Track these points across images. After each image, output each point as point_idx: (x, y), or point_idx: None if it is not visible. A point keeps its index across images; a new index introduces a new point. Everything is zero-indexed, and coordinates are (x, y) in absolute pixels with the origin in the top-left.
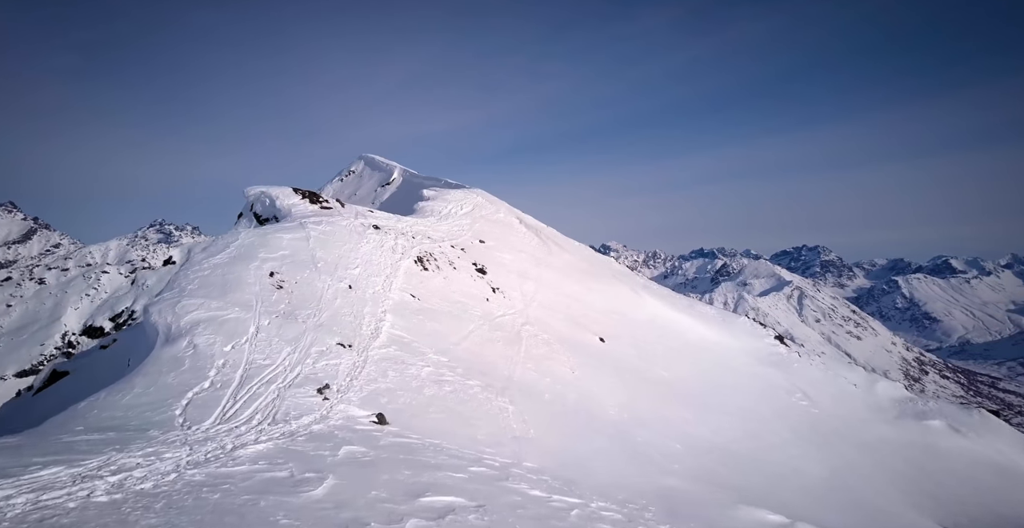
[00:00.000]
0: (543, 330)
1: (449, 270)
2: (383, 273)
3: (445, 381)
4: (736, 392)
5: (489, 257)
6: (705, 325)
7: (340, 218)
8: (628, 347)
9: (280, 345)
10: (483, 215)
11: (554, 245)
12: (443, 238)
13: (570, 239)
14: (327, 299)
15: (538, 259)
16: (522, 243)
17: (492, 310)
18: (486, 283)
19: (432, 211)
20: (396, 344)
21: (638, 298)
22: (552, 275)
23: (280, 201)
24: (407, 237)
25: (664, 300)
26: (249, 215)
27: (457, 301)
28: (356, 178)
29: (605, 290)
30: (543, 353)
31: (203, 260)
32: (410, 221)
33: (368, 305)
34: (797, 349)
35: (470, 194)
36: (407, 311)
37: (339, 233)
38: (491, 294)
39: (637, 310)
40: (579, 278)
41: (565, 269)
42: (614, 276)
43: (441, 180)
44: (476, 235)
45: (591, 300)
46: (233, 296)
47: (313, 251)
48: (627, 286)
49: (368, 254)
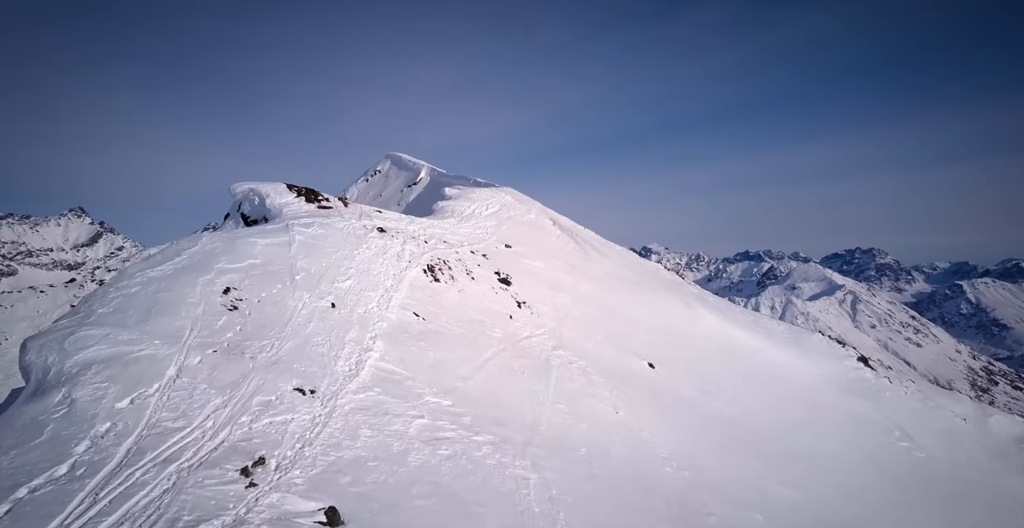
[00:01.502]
0: (579, 355)
1: (466, 281)
2: (382, 286)
3: (443, 439)
4: (819, 432)
5: (516, 265)
6: (774, 345)
7: (338, 219)
8: (683, 375)
9: (207, 395)
10: (511, 216)
11: (593, 250)
12: (462, 242)
13: (611, 243)
14: (297, 323)
15: (574, 266)
16: (555, 248)
17: (516, 330)
18: (510, 296)
19: (452, 211)
20: (382, 384)
21: (692, 312)
22: (590, 285)
23: (270, 199)
24: (418, 242)
25: (723, 315)
26: (236, 216)
27: (473, 320)
28: (382, 178)
29: (653, 303)
30: (579, 387)
31: (137, 273)
32: (424, 223)
33: (354, 329)
34: (886, 374)
35: (498, 193)
36: (406, 336)
37: (333, 237)
38: (516, 310)
39: (692, 327)
40: (622, 289)
41: (605, 278)
42: (663, 286)
43: (470, 179)
44: (502, 239)
45: (637, 315)
46: (159, 323)
47: (294, 260)
48: (679, 298)
49: (366, 262)
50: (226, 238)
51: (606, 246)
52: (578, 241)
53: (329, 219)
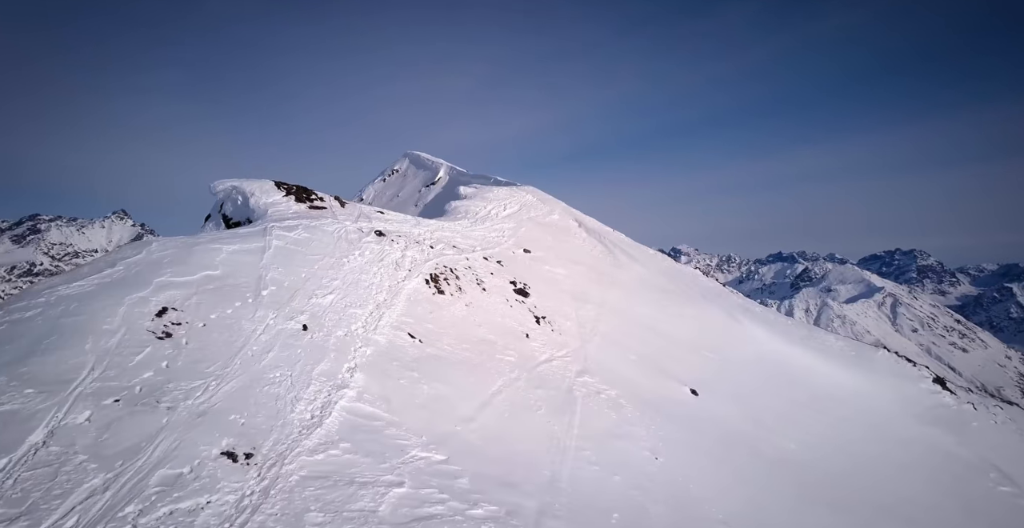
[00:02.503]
0: (608, 381)
1: (476, 292)
2: (372, 301)
3: (428, 517)
4: (903, 475)
5: (535, 272)
6: (834, 364)
7: (330, 221)
8: (732, 403)
9: (82, 473)
10: (531, 217)
11: (622, 254)
12: (474, 247)
13: (642, 246)
14: (250, 354)
15: (601, 273)
16: (581, 252)
17: (534, 352)
18: (528, 310)
19: (466, 212)
20: (355, 436)
21: (738, 326)
22: (620, 295)
23: (254, 198)
24: (422, 247)
25: (773, 328)
26: (217, 217)
27: (482, 340)
28: (399, 178)
29: (693, 315)
30: (609, 425)
31: (45, 290)
32: (432, 225)
33: (328, 358)
34: (969, 398)
35: (517, 192)
36: (395, 364)
37: (319, 242)
38: (534, 326)
39: (738, 344)
40: (656, 299)
41: (637, 287)
42: (703, 295)
43: (490, 178)
44: (520, 243)
45: (674, 330)
46: (45, 360)
47: (265, 270)
48: (722, 309)
49: (356, 272)
50: (182, 244)
51: (637, 250)
52: (606, 244)
53: (319, 221)
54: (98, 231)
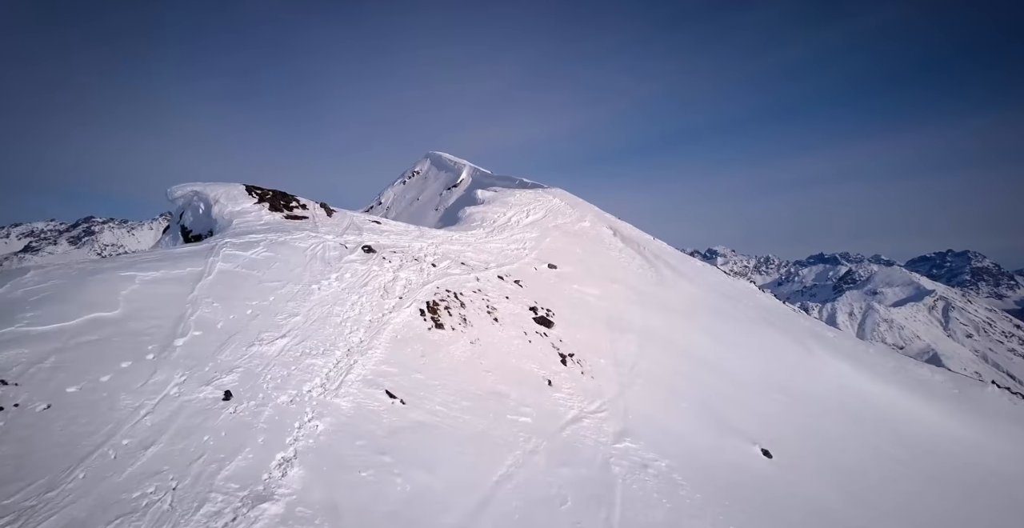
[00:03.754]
0: (656, 446)
1: (485, 324)
2: (343, 344)
3: None
4: None
5: (561, 294)
6: (934, 406)
7: (306, 235)
8: (818, 469)
9: None
10: (558, 224)
11: (667, 268)
12: (487, 264)
13: (688, 257)
14: (113, 454)
15: (642, 293)
16: (617, 267)
17: (558, 406)
18: (551, 345)
19: (482, 220)
20: None
21: (811, 358)
22: (666, 321)
23: (218, 207)
24: (422, 265)
25: (854, 359)
26: (176, 229)
27: (489, 394)
28: (420, 180)
29: (755, 345)
30: (661, 521)
31: None
32: (439, 237)
33: (251, 447)
34: None
35: (543, 195)
36: (360, 445)
37: (284, 264)
38: (559, 369)
39: (813, 382)
40: (710, 324)
41: (687, 309)
42: (765, 318)
43: (515, 179)
44: (544, 256)
45: (734, 366)
46: None
47: (192, 307)
48: (789, 336)
49: (328, 303)
50: (78, 272)
51: (683, 262)
52: (646, 256)
53: (291, 235)
54: (146, 232)
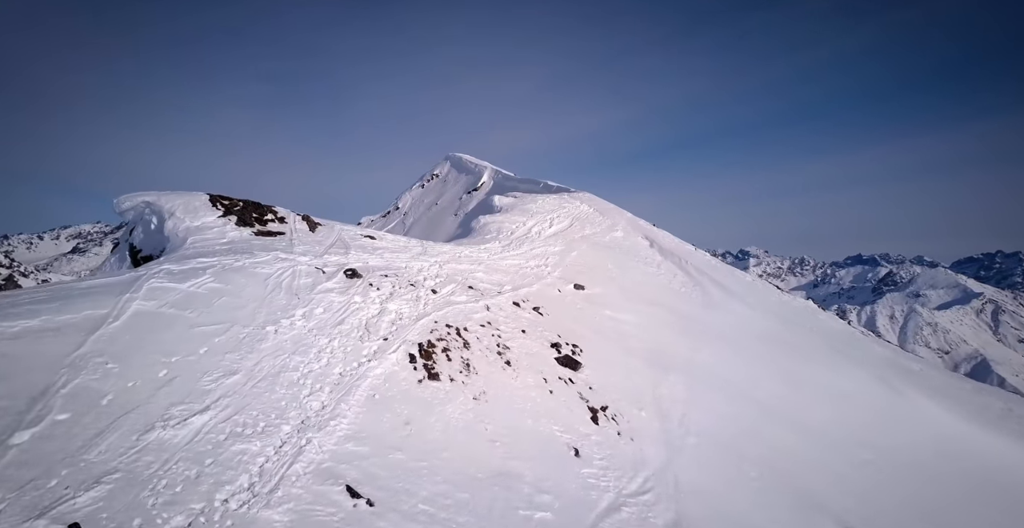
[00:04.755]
0: None
1: (494, 369)
2: (298, 412)
3: None
4: None
5: (591, 322)
6: None
7: (272, 257)
8: None
9: None
10: (586, 235)
11: (714, 286)
12: (501, 286)
13: (737, 271)
14: None
15: (687, 318)
16: (655, 285)
17: (588, 490)
18: (578, 395)
19: (498, 231)
20: None
21: (897, 399)
22: (717, 354)
23: (173, 221)
24: (419, 292)
25: (955, 403)
26: (124, 247)
27: (495, 476)
28: (439, 183)
29: (826, 383)
30: None
31: None
32: (444, 254)
33: None
34: None
35: (569, 201)
36: None
37: (234, 298)
38: (588, 430)
39: (904, 431)
40: (770, 356)
41: (740, 337)
42: (834, 347)
43: (539, 182)
44: (569, 274)
45: (806, 413)
46: None
47: (70, 371)
48: (863, 368)
49: (284, 352)
50: None
51: (732, 278)
52: (690, 272)
53: (254, 257)
54: None
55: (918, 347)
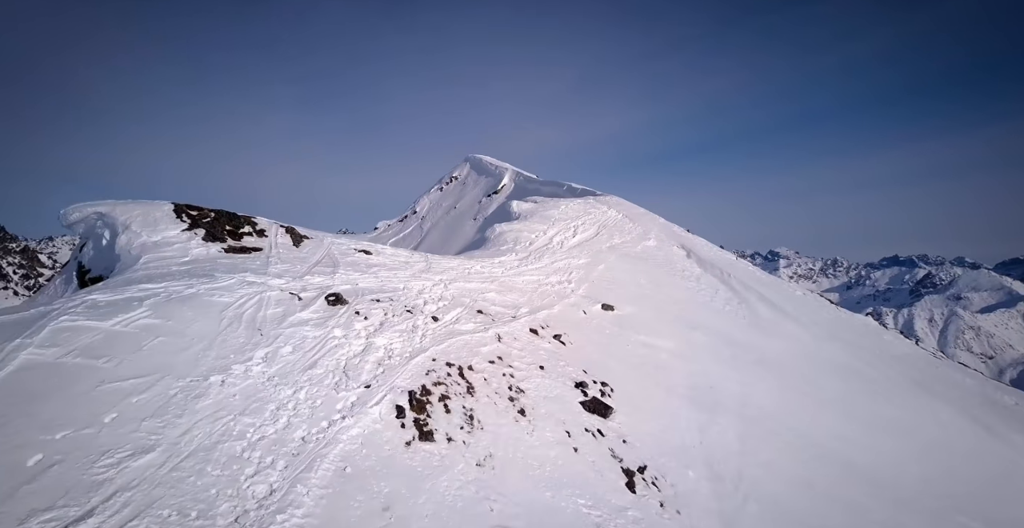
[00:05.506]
0: None
1: (504, 420)
2: (233, 504)
3: None
4: None
5: (622, 352)
6: None
7: (239, 280)
8: None
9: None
10: (615, 244)
11: (763, 304)
12: (517, 308)
13: (787, 284)
14: None
15: (735, 344)
16: (696, 304)
17: None
18: (608, 453)
19: (515, 242)
20: None
21: (1002, 448)
22: (773, 390)
23: (127, 236)
24: (416, 320)
25: None
26: (73, 266)
27: None
28: (459, 186)
29: (910, 426)
30: None
31: None
32: (451, 270)
33: None
34: None
35: (596, 206)
36: None
37: (175, 338)
38: (623, 501)
39: (1010, 487)
40: (837, 391)
41: (798, 366)
42: (911, 378)
43: (563, 184)
44: (596, 292)
45: (891, 467)
46: None
47: None
48: (952, 406)
49: (230, 411)
50: None
51: (782, 293)
52: (734, 287)
53: (214, 282)
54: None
55: (959, 351)
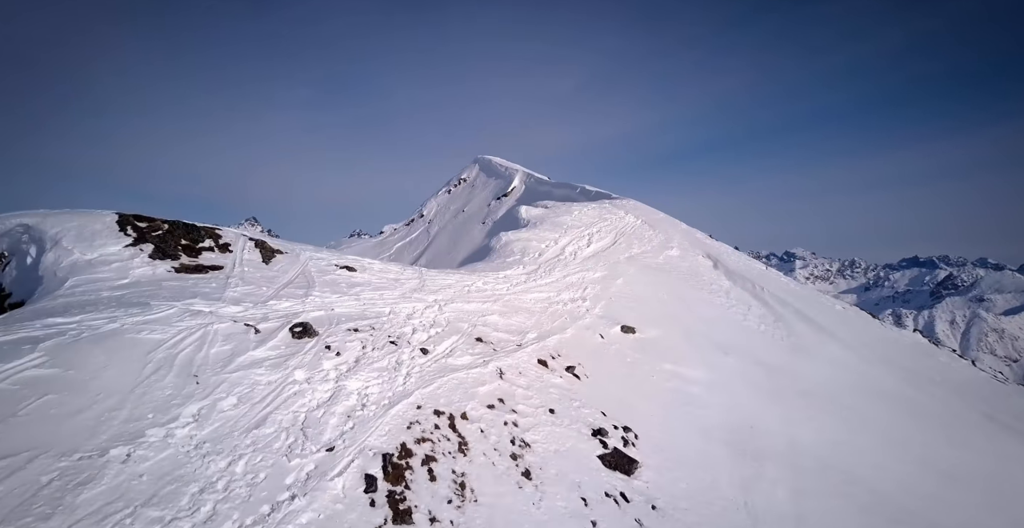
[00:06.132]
0: None
1: (504, 487)
2: None
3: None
4: None
5: (646, 386)
6: None
7: (181, 308)
8: None
9: None
10: (634, 255)
11: (800, 320)
12: (522, 334)
13: (825, 297)
14: None
15: (774, 371)
16: (727, 323)
17: None
18: (634, 524)
19: (523, 252)
20: None
21: None
22: (824, 429)
23: (55, 254)
24: (401, 353)
25: None
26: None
27: None
28: (467, 188)
29: (991, 474)
30: None
31: None
32: (448, 288)
33: None
34: None
35: (611, 211)
36: None
37: (70, 396)
38: None
39: None
40: (900, 431)
41: (849, 398)
42: (981, 411)
43: (575, 187)
44: (614, 311)
45: None
46: None
47: None
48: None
49: (135, 499)
50: None
51: (820, 308)
52: (767, 302)
53: (147, 312)
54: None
55: (982, 354)
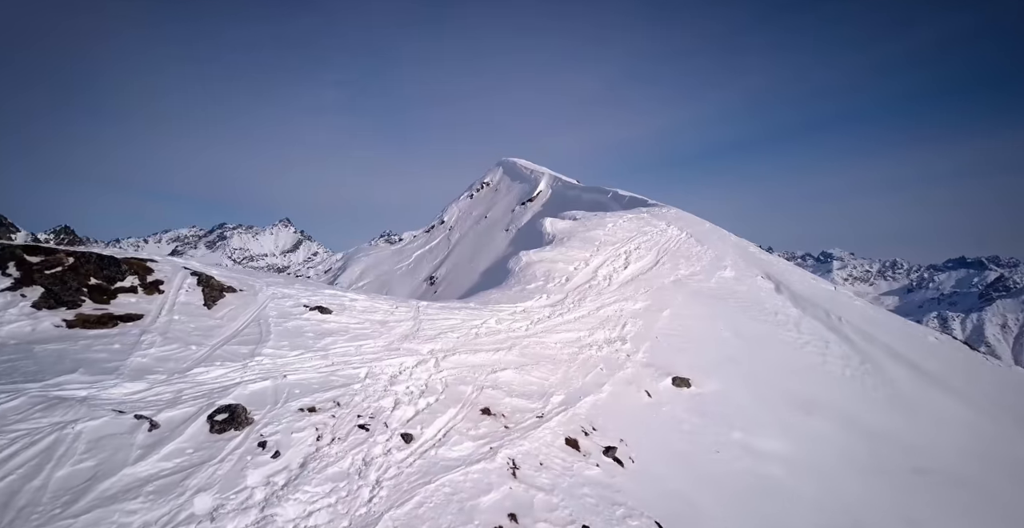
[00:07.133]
0: None
1: None
2: None
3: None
4: None
5: (708, 465)
6: None
7: (41, 391)
8: None
9: None
10: (680, 278)
11: (893, 362)
12: (543, 401)
13: (922, 328)
14: None
15: (872, 437)
16: (804, 368)
17: None
18: None
19: (547, 277)
20: None
21: None
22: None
23: None
24: (374, 443)
25: None
26: None
27: None
28: (490, 192)
29: None
30: None
31: None
32: (449, 333)
33: None
34: None
35: (649, 222)
36: None
37: None
38: None
39: None
40: None
41: (996, 486)
42: None
43: (607, 191)
44: (661, 356)
45: None
46: None
47: None
48: None
49: None
50: None
51: (910, 342)
52: (848, 337)
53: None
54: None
55: None
